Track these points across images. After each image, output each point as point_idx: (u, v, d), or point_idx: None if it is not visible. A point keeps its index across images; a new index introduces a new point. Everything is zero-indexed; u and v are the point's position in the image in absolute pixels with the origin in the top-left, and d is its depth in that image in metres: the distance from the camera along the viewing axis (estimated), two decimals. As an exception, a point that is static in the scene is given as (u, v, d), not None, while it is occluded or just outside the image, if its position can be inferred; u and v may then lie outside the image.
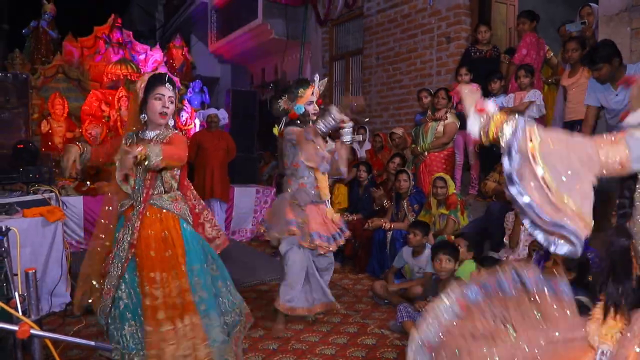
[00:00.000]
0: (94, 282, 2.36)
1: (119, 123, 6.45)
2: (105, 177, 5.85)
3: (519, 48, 4.80)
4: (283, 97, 3.27)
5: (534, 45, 4.73)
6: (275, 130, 3.35)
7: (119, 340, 2.21)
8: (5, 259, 2.03)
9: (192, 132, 7.06)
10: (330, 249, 3.24)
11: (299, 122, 3.24)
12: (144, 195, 2.25)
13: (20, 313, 1.48)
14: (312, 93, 3.21)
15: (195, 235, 2.36)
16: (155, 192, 2.28)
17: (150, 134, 2.33)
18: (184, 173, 2.43)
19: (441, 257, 3.13)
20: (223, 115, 6.47)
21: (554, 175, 1.02)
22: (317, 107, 3.24)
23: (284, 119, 3.27)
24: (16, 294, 1.58)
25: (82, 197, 5.12)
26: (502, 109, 4.52)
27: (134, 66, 6.95)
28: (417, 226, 3.75)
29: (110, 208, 2.40)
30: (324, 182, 3.29)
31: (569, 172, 1.02)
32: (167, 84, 2.28)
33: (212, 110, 6.42)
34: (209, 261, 2.35)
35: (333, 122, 2.95)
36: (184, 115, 7.45)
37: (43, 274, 3.33)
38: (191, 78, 8.42)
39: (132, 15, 14.64)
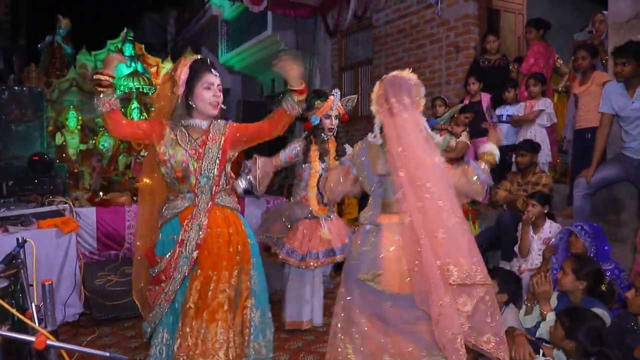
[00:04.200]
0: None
1: (131, 135, 6.54)
2: (118, 189, 5.90)
3: (526, 57, 4.78)
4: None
5: (543, 53, 4.71)
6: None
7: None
8: (22, 270, 2.06)
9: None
10: (310, 265, 3.09)
11: (311, 134, 3.12)
12: (213, 193, 2.14)
13: (37, 324, 1.50)
14: (332, 107, 3.04)
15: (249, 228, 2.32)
16: (220, 189, 2.18)
17: (203, 123, 2.14)
18: None
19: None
20: (233, 126, 6.52)
21: None
22: (334, 123, 3.07)
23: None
24: (32, 305, 1.60)
25: (95, 208, 5.16)
26: (512, 117, 4.52)
27: (145, 79, 7.06)
28: None
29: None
30: (314, 199, 3.12)
31: None
32: (214, 70, 2.07)
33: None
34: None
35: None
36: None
37: (57, 285, 3.37)
38: (202, 89, 8.49)
39: (144, 29, 14.88)
